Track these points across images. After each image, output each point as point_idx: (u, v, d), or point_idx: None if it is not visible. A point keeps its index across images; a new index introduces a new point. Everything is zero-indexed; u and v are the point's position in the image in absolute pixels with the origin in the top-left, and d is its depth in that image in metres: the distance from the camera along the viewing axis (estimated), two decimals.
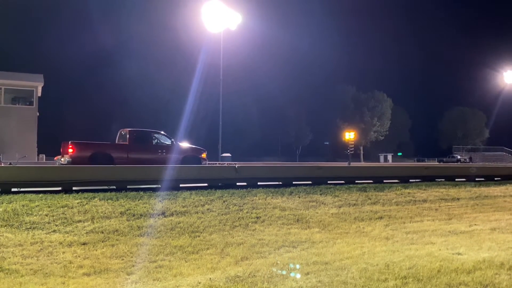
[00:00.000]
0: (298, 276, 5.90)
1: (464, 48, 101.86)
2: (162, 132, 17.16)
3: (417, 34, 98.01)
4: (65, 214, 8.97)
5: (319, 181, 14.93)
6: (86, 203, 9.71)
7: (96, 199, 10.08)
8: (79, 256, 6.97)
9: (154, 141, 16.86)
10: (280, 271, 6.14)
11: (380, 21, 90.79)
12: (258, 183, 13.79)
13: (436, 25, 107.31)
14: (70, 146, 14.87)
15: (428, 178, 18.06)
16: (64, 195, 10.28)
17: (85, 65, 63.92)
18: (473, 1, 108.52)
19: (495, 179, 20.51)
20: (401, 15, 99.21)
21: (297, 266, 6.42)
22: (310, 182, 14.78)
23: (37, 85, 30.85)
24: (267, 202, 11.35)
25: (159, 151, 16.58)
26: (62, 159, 15.07)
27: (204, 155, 17.15)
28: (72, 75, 61.37)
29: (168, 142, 16.93)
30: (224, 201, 10.99)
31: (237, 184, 13.49)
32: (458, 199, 14.63)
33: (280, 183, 14.37)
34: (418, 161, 72.73)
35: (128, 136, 16.27)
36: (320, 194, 12.79)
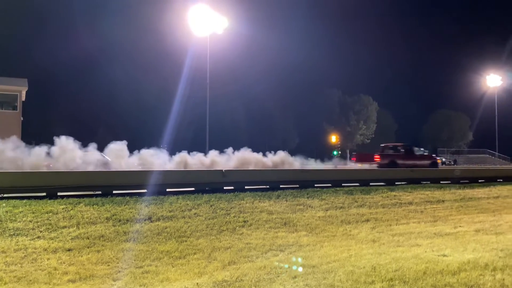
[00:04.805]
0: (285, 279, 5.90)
1: (448, 53, 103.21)
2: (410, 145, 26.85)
3: (402, 39, 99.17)
4: (50, 220, 8.85)
5: (306, 184, 14.96)
6: (71, 209, 9.59)
7: (82, 204, 9.96)
8: (64, 263, 6.88)
9: (415, 152, 25.32)
10: (267, 275, 6.14)
11: (366, 26, 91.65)
12: (246, 187, 13.74)
13: (421, 30, 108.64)
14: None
15: (414, 181, 18.23)
16: (49, 201, 10.13)
17: (70, 69, 63.26)
18: (456, 7, 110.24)
19: (479, 181, 20.79)
20: (386, 21, 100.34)
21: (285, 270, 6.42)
22: (297, 186, 14.79)
23: (21, 90, 30.42)
24: (254, 206, 11.34)
25: (418, 158, 24.95)
26: (359, 164, 25.86)
27: (439, 161, 26.50)
28: (57, 80, 60.68)
29: (421, 152, 25.93)
30: (211, 206, 10.96)
31: (224, 188, 13.42)
32: (443, 201, 14.79)
33: (268, 186, 14.35)
34: None
35: (402, 149, 25.57)
36: (307, 198, 12.83)
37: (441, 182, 19.00)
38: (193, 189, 12.92)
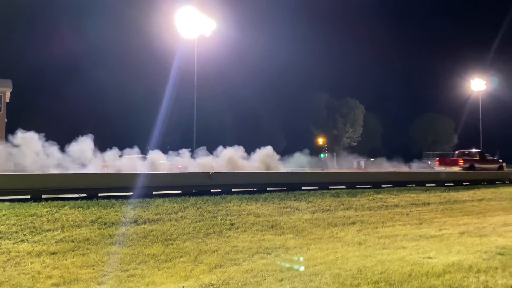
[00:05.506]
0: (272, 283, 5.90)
1: (433, 57, 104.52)
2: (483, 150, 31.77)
3: (389, 43, 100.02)
4: (34, 223, 8.73)
5: (293, 187, 15.00)
6: (56, 212, 9.47)
7: (66, 207, 9.84)
8: (48, 266, 6.78)
9: (487, 157, 29.42)
10: (253, 278, 6.13)
11: (353, 30, 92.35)
12: (233, 190, 13.74)
13: (408, 34, 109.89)
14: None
15: (400, 184, 18.39)
16: (33, 204, 9.99)
17: (56, 70, 62.58)
18: (442, 11, 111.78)
19: (464, 184, 21.05)
20: (373, 25, 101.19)
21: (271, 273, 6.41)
22: (284, 188, 14.82)
23: (5, 91, 30.11)
24: (241, 209, 11.32)
25: (489, 162, 29.12)
26: (442, 168, 28.78)
27: (504, 164, 29.94)
28: (42, 81, 59.97)
29: (491, 157, 30.09)
30: (198, 208, 10.91)
31: (212, 191, 13.40)
32: (428, 204, 14.94)
33: (255, 189, 14.36)
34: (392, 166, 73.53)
35: (478, 154, 29.55)
36: (294, 200, 12.85)
37: (426, 185, 19.20)
38: (179, 191, 12.87)
